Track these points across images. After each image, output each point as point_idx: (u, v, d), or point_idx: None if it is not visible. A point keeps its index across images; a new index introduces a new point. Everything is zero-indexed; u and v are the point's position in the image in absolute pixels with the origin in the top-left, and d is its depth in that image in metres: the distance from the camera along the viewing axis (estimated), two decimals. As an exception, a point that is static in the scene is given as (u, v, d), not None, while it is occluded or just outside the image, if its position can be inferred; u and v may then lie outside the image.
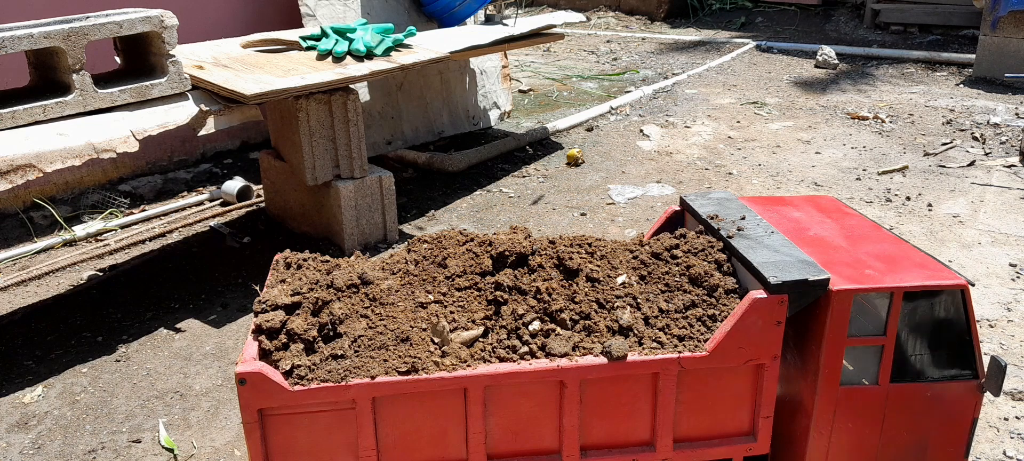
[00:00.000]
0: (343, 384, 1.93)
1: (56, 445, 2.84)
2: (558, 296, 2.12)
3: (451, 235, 2.34)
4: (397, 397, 1.98)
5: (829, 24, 10.35)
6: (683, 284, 2.19)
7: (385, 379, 1.94)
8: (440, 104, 5.92)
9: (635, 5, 11.52)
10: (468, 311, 2.11)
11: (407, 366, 1.96)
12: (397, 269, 2.25)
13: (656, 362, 2.02)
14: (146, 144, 3.53)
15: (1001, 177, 5.16)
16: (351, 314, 2.07)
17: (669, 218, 2.62)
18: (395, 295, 2.15)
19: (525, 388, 2.02)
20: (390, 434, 2.02)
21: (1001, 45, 7.27)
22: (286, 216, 4.56)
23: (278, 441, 1.98)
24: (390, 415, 2.00)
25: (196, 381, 3.19)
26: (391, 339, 2.02)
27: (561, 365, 2.00)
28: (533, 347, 2.04)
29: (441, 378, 1.97)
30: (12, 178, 2.96)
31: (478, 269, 2.19)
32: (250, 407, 1.92)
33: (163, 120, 3.42)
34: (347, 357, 1.98)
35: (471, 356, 2.02)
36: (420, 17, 5.70)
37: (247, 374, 1.90)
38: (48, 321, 3.65)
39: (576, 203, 4.89)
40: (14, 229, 4.53)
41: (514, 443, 2.08)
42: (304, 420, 1.98)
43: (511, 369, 2.00)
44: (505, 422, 2.06)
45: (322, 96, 3.99)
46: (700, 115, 6.64)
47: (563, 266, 2.19)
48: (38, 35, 3.13)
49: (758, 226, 2.34)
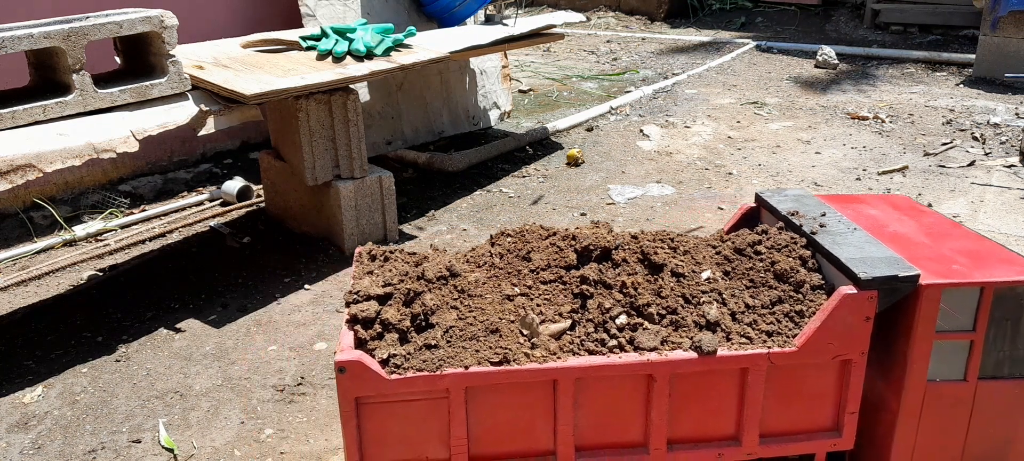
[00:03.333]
0: (438, 373, 1.96)
1: (56, 445, 2.84)
2: (644, 290, 2.14)
3: (533, 229, 2.36)
4: (488, 387, 2.01)
5: (829, 24, 10.35)
6: (768, 280, 2.20)
7: (478, 369, 1.98)
8: (440, 104, 5.92)
9: (635, 5, 11.52)
10: (554, 304, 2.14)
11: (499, 357, 2.00)
12: (482, 262, 2.29)
13: (745, 357, 2.04)
14: (146, 144, 3.53)
15: (1001, 177, 5.16)
16: (442, 305, 2.11)
17: (745, 215, 2.63)
18: (482, 287, 2.19)
19: (613, 381, 2.05)
20: (480, 424, 2.05)
21: (1001, 45, 7.27)
22: (286, 216, 4.56)
23: (372, 429, 2.01)
24: (480, 405, 2.03)
25: (196, 381, 3.19)
26: (481, 330, 2.06)
27: (651, 359, 2.02)
28: (622, 341, 2.06)
29: (532, 369, 1.99)
30: (12, 178, 2.96)
31: (563, 263, 2.22)
32: (348, 395, 1.95)
33: (163, 120, 3.42)
34: (440, 347, 2.02)
35: (560, 348, 2.04)
36: (420, 17, 5.70)
37: (347, 363, 1.93)
38: (48, 321, 3.65)
39: (576, 203, 4.89)
40: (14, 229, 4.53)
41: (600, 435, 2.10)
42: (398, 409, 2.01)
43: (601, 362, 2.02)
44: (592, 414, 2.08)
45: (322, 96, 3.99)
46: (700, 115, 6.64)
47: (648, 261, 2.21)
48: (38, 35, 3.13)
49: (839, 222, 2.36)
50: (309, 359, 3.33)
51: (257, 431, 2.90)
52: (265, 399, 3.08)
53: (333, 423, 2.94)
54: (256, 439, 2.86)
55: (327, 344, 3.43)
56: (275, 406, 3.04)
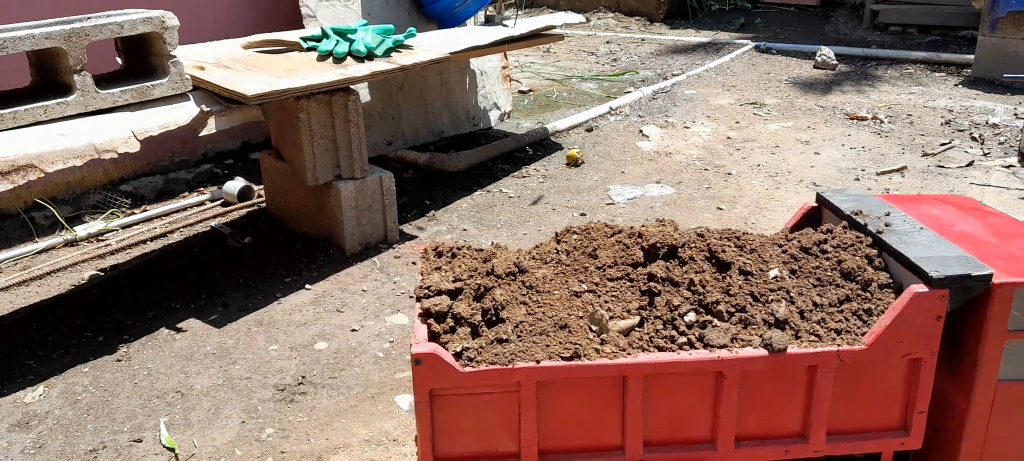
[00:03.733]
0: (510, 367, 1.99)
1: (57, 445, 2.85)
2: (712, 288, 2.15)
3: (598, 227, 2.38)
4: (559, 382, 2.03)
5: (828, 25, 10.36)
6: (835, 279, 2.21)
7: (549, 364, 2.00)
8: (440, 105, 5.93)
9: (635, 6, 11.53)
10: (622, 301, 2.16)
11: (570, 352, 2.01)
12: (549, 259, 2.31)
13: (815, 355, 2.05)
14: (147, 144, 3.54)
15: (1000, 177, 5.17)
16: (511, 301, 2.13)
17: (806, 214, 2.64)
18: (549, 284, 2.20)
19: (683, 378, 2.06)
20: (549, 418, 2.07)
21: (1000, 46, 7.28)
22: (287, 216, 4.57)
23: (444, 421, 2.04)
24: (550, 400, 2.05)
25: (197, 381, 3.20)
26: (550, 326, 2.08)
27: (721, 356, 2.03)
28: (691, 338, 2.07)
29: (603, 365, 2.01)
30: (13, 178, 2.97)
31: (629, 260, 2.23)
32: (423, 387, 1.99)
33: (164, 120, 3.43)
34: (511, 342, 2.04)
35: (629, 345, 2.06)
36: (420, 18, 5.71)
37: (423, 355, 1.96)
38: (49, 321, 3.66)
39: (576, 203, 4.90)
40: (15, 229, 4.54)
41: (668, 432, 2.12)
42: (470, 401, 2.04)
43: (671, 359, 2.03)
44: (660, 411, 2.09)
45: (323, 97, 4.00)
46: (699, 115, 6.65)
47: (715, 259, 2.23)
48: (39, 36, 3.14)
49: (905, 222, 2.36)
50: (310, 359, 3.34)
51: (258, 430, 2.91)
52: (266, 399, 3.09)
53: (334, 422, 2.95)
54: (257, 438, 2.87)
55: (328, 344, 3.44)
56: (276, 406, 3.05)
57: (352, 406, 3.04)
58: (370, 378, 3.21)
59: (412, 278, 3.99)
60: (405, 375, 3.22)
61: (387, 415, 2.98)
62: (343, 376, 3.23)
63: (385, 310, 3.70)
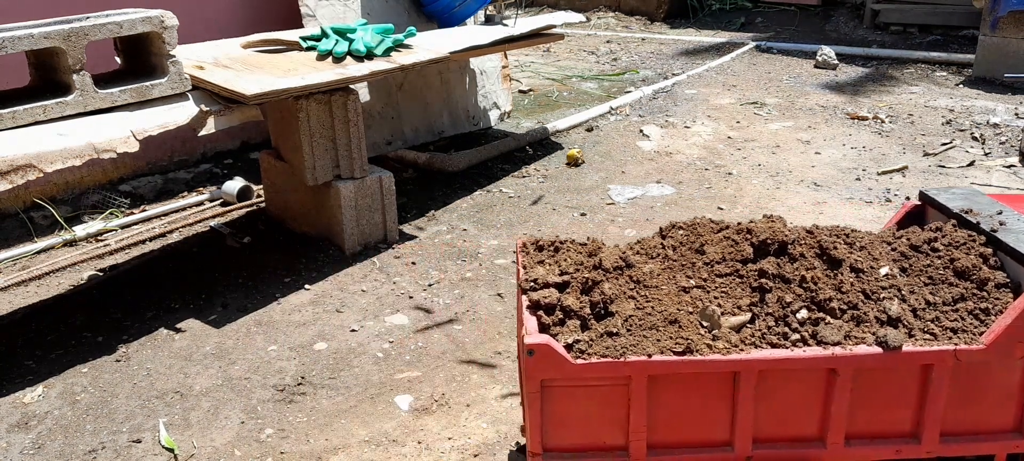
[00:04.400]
0: (622, 360, 2.00)
1: (56, 445, 2.84)
2: (824, 285, 2.14)
3: (704, 222, 2.38)
4: (669, 377, 2.03)
5: (829, 24, 10.35)
6: (948, 277, 2.19)
7: (661, 358, 2.00)
8: (440, 104, 5.92)
9: (635, 5, 11.52)
10: (732, 297, 2.15)
11: (682, 347, 2.01)
12: (655, 253, 2.32)
13: (931, 353, 2.03)
14: (146, 144, 3.53)
15: (1001, 177, 5.16)
16: (620, 295, 2.14)
17: (908, 213, 2.62)
18: (657, 278, 2.21)
19: (794, 374, 2.05)
20: (658, 412, 2.07)
21: (1001, 45, 7.27)
22: (286, 216, 4.56)
23: (553, 412, 2.06)
24: (659, 394, 2.05)
25: (196, 381, 3.20)
26: (660, 321, 2.08)
27: (835, 353, 2.02)
28: (804, 334, 2.07)
29: (716, 360, 2.01)
30: (12, 178, 2.97)
31: (738, 256, 2.23)
32: (535, 377, 2.00)
33: (163, 120, 3.43)
34: (621, 335, 2.05)
35: (741, 341, 2.06)
36: (420, 17, 5.70)
37: (536, 345, 1.98)
38: (48, 321, 3.66)
39: (576, 203, 4.89)
40: (14, 229, 4.53)
41: (777, 429, 2.11)
42: (579, 393, 2.04)
43: (785, 355, 2.02)
44: (770, 407, 2.09)
45: (322, 96, 4.00)
46: (700, 115, 6.64)
47: (826, 256, 2.22)
48: (38, 35, 3.13)
49: (1019, 221, 2.32)
50: (309, 359, 3.33)
51: (257, 431, 2.90)
52: (265, 399, 3.08)
53: (333, 423, 2.94)
54: (256, 439, 2.86)
55: (327, 344, 3.44)
56: (275, 406, 3.04)
57: (351, 406, 3.03)
58: (370, 378, 3.20)
59: (412, 278, 3.98)
60: (405, 375, 3.21)
61: (387, 415, 2.98)
62: (342, 376, 3.22)
63: (385, 310, 3.69)
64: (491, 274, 4.02)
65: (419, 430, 2.89)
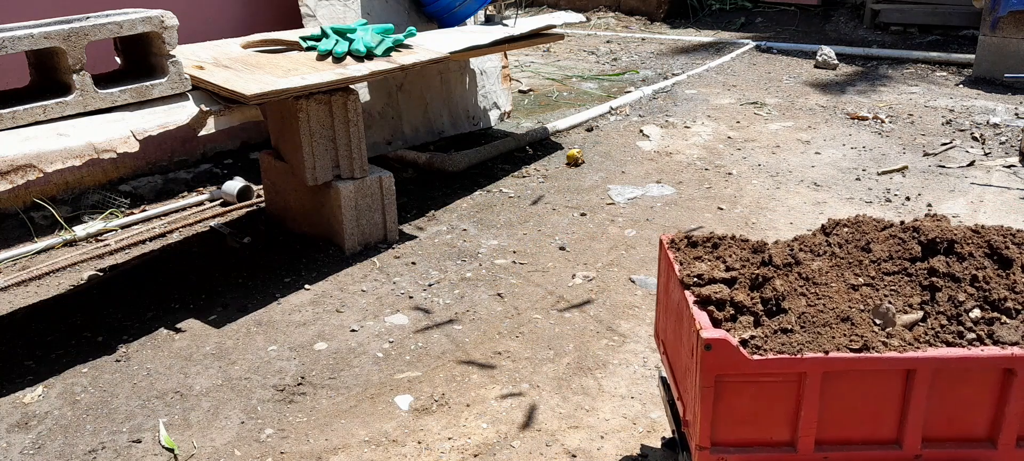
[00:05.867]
0: (798, 357, 2.00)
1: (56, 445, 2.84)
2: (997, 285, 2.13)
3: (867, 221, 2.37)
4: (843, 373, 2.03)
5: (829, 24, 10.35)
6: None
7: (838, 355, 2.00)
8: (440, 104, 5.92)
9: (635, 5, 11.52)
10: (902, 295, 2.15)
11: (859, 344, 2.01)
12: (821, 251, 2.31)
13: None
14: (146, 144, 3.53)
15: (1001, 177, 5.16)
16: (790, 292, 2.15)
17: None
18: (826, 276, 2.21)
19: (969, 374, 2.04)
20: (828, 409, 2.07)
21: (1001, 45, 7.27)
22: (286, 216, 4.56)
23: (725, 407, 2.07)
24: (831, 391, 2.05)
25: (196, 381, 3.20)
26: (833, 318, 2.08)
27: (1014, 353, 2.00)
28: (980, 333, 2.05)
29: (891, 358, 2.00)
30: (12, 178, 2.97)
31: (906, 255, 2.22)
32: (710, 372, 2.01)
33: (163, 120, 3.43)
34: (795, 332, 2.05)
35: (915, 339, 2.05)
36: (420, 17, 5.70)
37: (713, 340, 1.98)
38: (48, 321, 3.66)
39: (576, 203, 4.89)
40: (14, 229, 4.53)
41: (946, 429, 2.10)
42: (750, 389, 2.05)
43: (961, 354, 2.01)
44: (941, 406, 2.07)
45: (322, 96, 4.00)
46: (700, 115, 6.64)
47: (997, 255, 2.20)
48: (38, 35, 3.13)
49: None
50: (309, 359, 3.33)
51: (257, 431, 2.90)
52: (265, 399, 3.08)
53: (333, 423, 2.94)
54: (256, 439, 2.86)
55: (327, 344, 3.44)
56: (275, 406, 3.04)
57: (351, 406, 3.03)
58: (369, 378, 3.20)
59: (412, 278, 3.98)
60: (405, 375, 3.21)
61: (387, 415, 2.98)
62: (342, 376, 3.22)
63: (384, 310, 3.69)
64: (491, 274, 4.02)
65: (419, 430, 2.89)
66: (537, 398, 3.05)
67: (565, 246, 4.31)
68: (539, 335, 3.48)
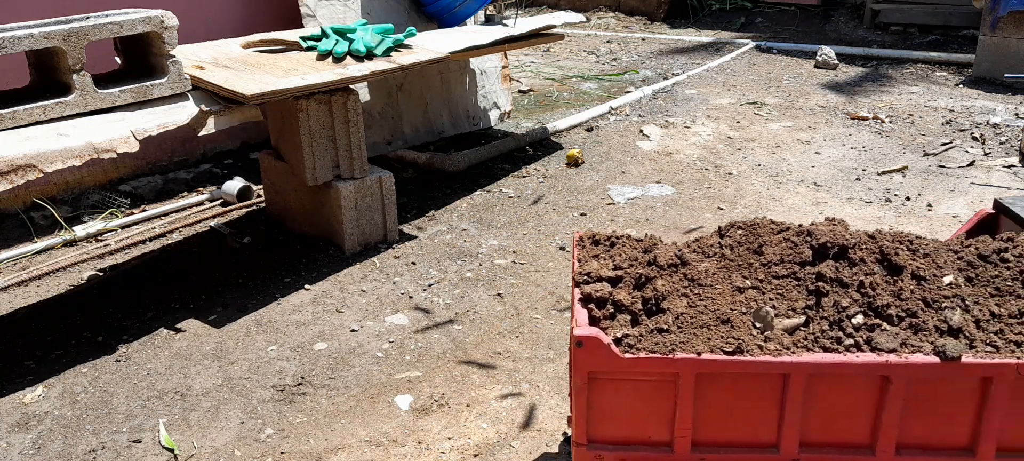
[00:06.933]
0: (670, 357, 1.99)
1: (56, 445, 2.84)
2: (883, 291, 2.10)
3: (764, 223, 2.36)
4: (717, 376, 2.02)
5: (829, 24, 10.35)
6: (1016, 289, 2.12)
7: (710, 357, 1.99)
8: (440, 104, 5.92)
9: (635, 5, 11.52)
10: (787, 299, 2.13)
11: (732, 346, 2.00)
12: (711, 252, 2.30)
13: (991, 366, 1.97)
14: (146, 144, 3.53)
15: (1001, 177, 5.16)
16: (672, 292, 2.14)
17: (981, 221, 2.53)
18: (712, 277, 2.20)
19: (846, 380, 2.02)
20: (704, 411, 2.07)
21: (1001, 45, 7.27)
22: (286, 216, 4.56)
23: (600, 405, 2.07)
24: (707, 393, 2.05)
25: (196, 381, 3.20)
26: (712, 319, 2.07)
27: (890, 360, 1.98)
28: (858, 340, 2.04)
29: (766, 362, 1.99)
30: (12, 178, 2.97)
31: (797, 258, 2.20)
32: (582, 369, 2.02)
33: (163, 120, 3.43)
34: (671, 332, 2.05)
35: (793, 343, 2.04)
36: (420, 17, 5.70)
37: (584, 337, 2.00)
38: (48, 321, 3.66)
39: (576, 203, 4.89)
40: (14, 229, 4.53)
41: (825, 434, 2.09)
42: (625, 388, 2.05)
43: (836, 360, 1.99)
44: (819, 412, 2.06)
45: (322, 96, 4.00)
46: (700, 115, 6.64)
47: (887, 262, 2.17)
48: (38, 35, 3.13)
49: None
50: (309, 359, 3.33)
51: (257, 431, 2.90)
52: (265, 399, 3.08)
53: (333, 423, 2.94)
54: (256, 439, 2.86)
55: (327, 344, 3.44)
56: (275, 406, 3.04)
57: (351, 406, 3.03)
58: (369, 378, 3.20)
59: (412, 278, 3.98)
60: (405, 375, 3.21)
61: (387, 415, 2.98)
62: (342, 376, 3.22)
63: (384, 310, 3.69)
64: (491, 274, 4.02)
65: (419, 430, 2.89)
66: (537, 398, 3.05)
67: (565, 246, 4.31)
68: (539, 335, 3.48)
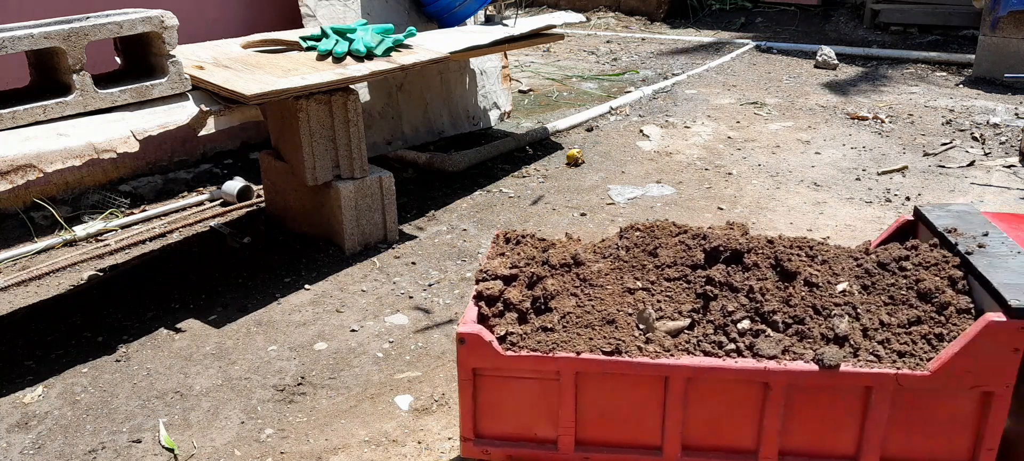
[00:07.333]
0: (550, 355, 2.03)
1: (56, 445, 2.84)
2: (772, 297, 2.10)
3: (664, 225, 2.36)
4: (599, 375, 2.04)
5: (829, 24, 10.35)
6: (910, 298, 2.10)
7: (589, 356, 2.02)
8: (440, 104, 5.92)
9: (635, 5, 11.52)
10: (676, 302, 2.14)
11: (611, 347, 2.02)
12: (608, 253, 2.31)
13: (870, 375, 1.95)
14: (146, 144, 3.53)
15: (1001, 177, 5.16)
16: (562, 291, 2.17)
17: (900, 228, 2.51)
18: (605, 278, 2.21)
19: (727, 385, 2.02)
20: (589, 409, 2.09)
21: (1001, 45, 7.27)
22: (286, 216, 4.56)
23: (487, 400, 2.12)
24: (590, 392, 2.07)
25: (196, 381, 3.20)
26: (598, 319, 2.10)
27: (768, 367, 1.97)
28: (740, 345, 2.03)
29: (643, 363, 2.01)
30: (12, 178, 2.97)
31: (690, 261, 2.21)
32: (466, 365, 2.07)
33: (163, 120, 3.43)
34: (555, 331, 2.08)
35: (675, 346, 2.05)
36: (420, 17, 5.70)
37: (466, 334, 2.05)
38: (48, 321, 3.66)
39: (576, 203, 4.89)
40: (14, 229, 4.53)
41: (709, 437, 2.09)
42: (512, 384, 2.09)
43: (714, 364, 2.00)
44: (703, 415, 2.06)
45: (322, 96, 4.00)
46: (700, 115, 6.64)
47: (780, 267, 2.16)
48: (38, 35, 3.13)
49: (1003, 244, 2.19)
50: (309, 359, 3.33)
51: (257, 431, 2.90)
52: (265, 399, 3.08)
53: (333, 423, 2.94)
54: (256, 439, 2.86)
55: (327, 344, 3.44)
56: (275, 406, 3.04)
57: (351, 406, 3.03)
58: (370, 378, 3.20)
59: (412, 278, 3.98)
60: (405, 375, 3.21)
61: (387, 415, 2.98)
62: (342, 376, 3.22)
63: (385, 310, 3.69)
64: (491, 274, 4.02)
65: (419, 430, 2.89)
66: (537, 398, 3.05)
67: (565, 246, 4.30)
68: (539, 335, 3.48)
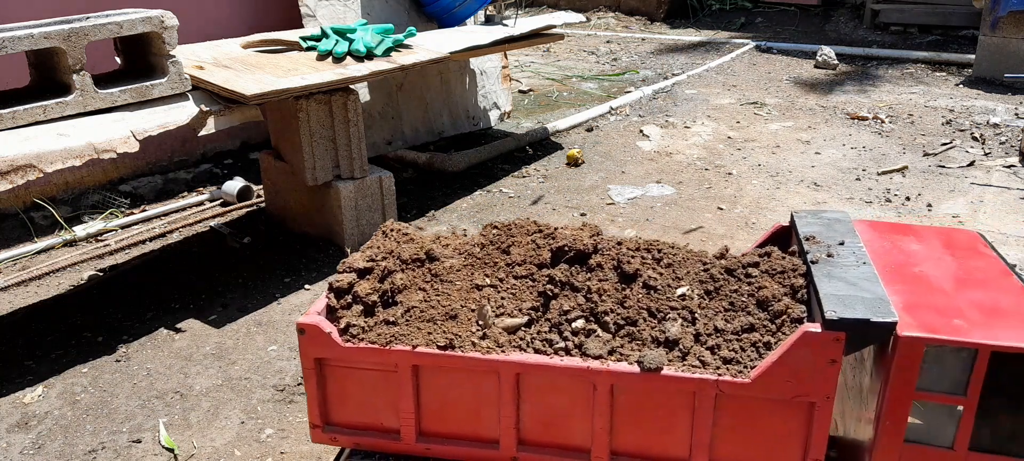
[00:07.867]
0: (387, 348, 2.08)
1: (56, 445, 2.84)
2: (608, 298, 2.12)
3: (522, 224, 2.39)
4: (435, 368, 2.09)
5: (829, 24, 10.35)
6: (749, 306, 2.10)
7: (424, 350, 2.07)
8: (440, 104, 5.92)
9: (635, 5, 11.52)
10: (518, 299, 2.17)
11: (446, 341, 2.07)
12: (464, 250, 2.35)
13: (692, 381, 1.96)
14: (146, 144, 3.54)
15: (1001, 177, 5.16)
16: (410, 285, 2.21)
17: (775, 233, 2.51)
18: (455, 274, 2.25)
19: (557, 383, 2.05)
20: (429, 401, 2.14)
21: (1001, 45, 7.27)
22: (286, 216, 4.56)
23: (333, 389, 2.18)
24: (430, 384, 2.12)
25: (196, 381, 3.20)
26: (440, 314, 2.14)
27: (592, 367, 2.00)
28: (570, 345, 2.06)
29: (474, 358, 2.05)
30: (12, 178, 2.97)
31: (537, 260, 2.24)
32: (308, 354, 2.14)
33: (163, 120, 3.43)
34: (397, 324, 2.13)
35: (509, 343, 2.08)
36: (420, 17, 5.70)
37: (305, 325, 2.12)
38: (48, 321, 3.66)
39: (576, 203, 4.89)
40: (14, 229, 4.53)
41: (545, 434, 2.12)
42: (356, 375, 2.15)
43: (541, 361, 2.04)
44: (537, 411, 2.10)
45: (322, 96, 4.00)
46: (700, 115, 6.64)
47: (621, 269, 2.18)
48: (38, 35, 3.13)
49: (852, 254, 2.17)
50: (309, 359, 3.33)
51: (257, 431, 2.90)
52: (265, 399, 3.08)
53: (333, 423, 2.94)
54: (256, 439, 2.86)
55: (327, 344, 3.44)
56: (275, 406, 3.04)
57: (351, 407, 3.03)
58: (370, 378, 3.20)
59: (412, 278, 3.98)
60: (405, 375, 3.21)
61: (386, 416, 2.97)
62: (342, 376, 3.22)
63: (385, 310, 3.69)
64: (491, 274, 4.02)
65: (419, 430, 2.89)
66: (537, 398, 3.05)
67: (565, 246, 4.30)
68: (539, 335, 3.48)
